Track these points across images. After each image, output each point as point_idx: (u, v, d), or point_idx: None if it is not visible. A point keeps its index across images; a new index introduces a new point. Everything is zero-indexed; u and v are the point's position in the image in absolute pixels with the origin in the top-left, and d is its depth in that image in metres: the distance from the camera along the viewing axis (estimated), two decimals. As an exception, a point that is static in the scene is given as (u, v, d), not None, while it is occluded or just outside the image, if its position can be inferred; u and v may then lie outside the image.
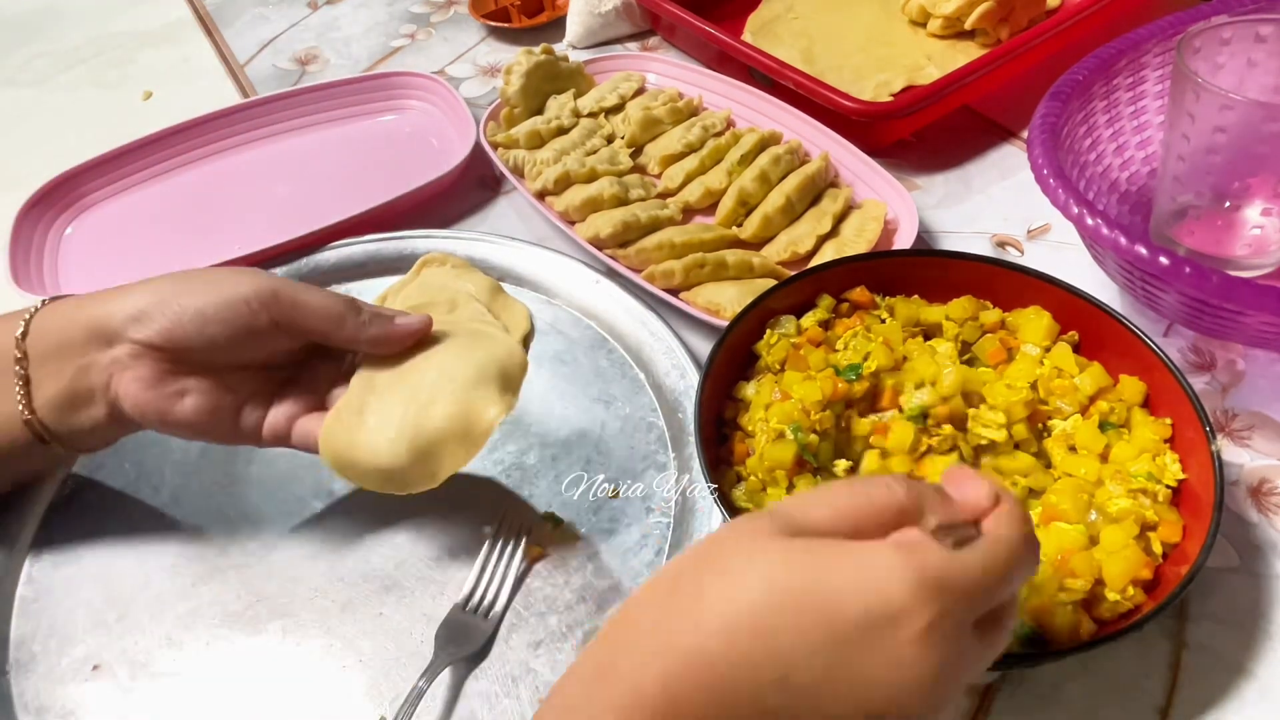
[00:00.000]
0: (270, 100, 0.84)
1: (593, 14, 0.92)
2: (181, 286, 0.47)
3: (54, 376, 0.47)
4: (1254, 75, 0.57)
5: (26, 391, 0.47)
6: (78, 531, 0.55)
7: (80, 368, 0.47)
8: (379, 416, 0.48)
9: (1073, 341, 0.54)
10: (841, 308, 0.56)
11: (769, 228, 0.69)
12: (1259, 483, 0.54)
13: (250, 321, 0.47)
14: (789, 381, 0.51)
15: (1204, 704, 0.45)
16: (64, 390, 0.48)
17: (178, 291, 0.47)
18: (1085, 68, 0.61)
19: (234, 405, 0.49)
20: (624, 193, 0.71)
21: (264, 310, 0.47)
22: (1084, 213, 0.51)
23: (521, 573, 0.51)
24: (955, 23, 0.84)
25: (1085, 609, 0.43)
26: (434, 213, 0.74)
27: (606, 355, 0.62)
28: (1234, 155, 0.55)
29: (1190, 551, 0.44)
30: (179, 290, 0.47)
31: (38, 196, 0.75)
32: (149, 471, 0.58)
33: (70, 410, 0.48)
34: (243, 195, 0.79)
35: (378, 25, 1.01)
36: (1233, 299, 0.48)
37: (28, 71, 1.01)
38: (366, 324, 0.49)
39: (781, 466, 0.48)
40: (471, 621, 0.49)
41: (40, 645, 0.50)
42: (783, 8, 0.92)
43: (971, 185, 0.74)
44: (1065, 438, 0.51)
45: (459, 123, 0.80)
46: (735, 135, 0.76)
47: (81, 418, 0.48)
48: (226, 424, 0.49)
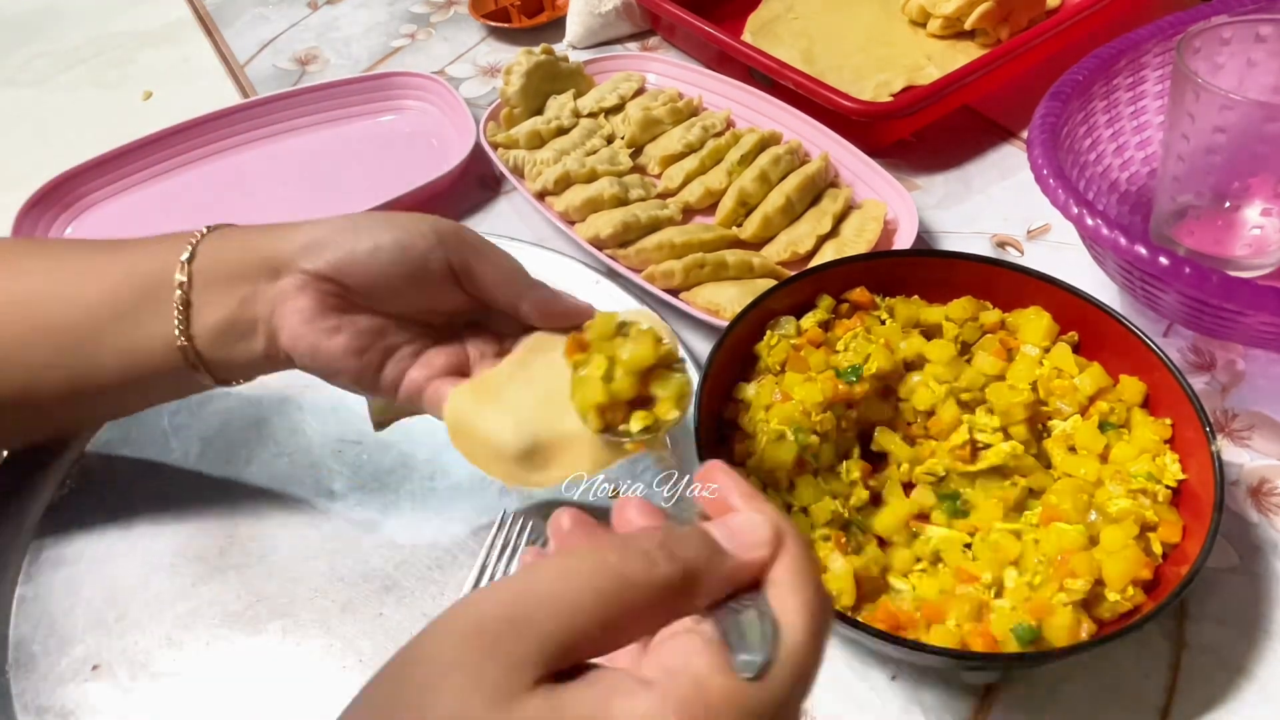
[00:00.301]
0: (270, 100, 0.84)
1: (593, 14, 0.92)
2: (361, 222, 0.46)
3: (217, 304, 0.46)
4: (1254, 75, 0.57)
5: (186, 316, 0.46)
6: (78, 531, 0.55)
7: (246, 297, 0.46)
8: (517, 398, 0.46)
9: (1073, 342, 0.54)
10: (841, 308, 0.56)
11: (769, 228, 0.69)
12: (1259, 483, 0.54)
13: (425, 259, 0.45)
14: (789, 383, 0.51)
15: (1204, 704, 0.45)
16: (226, 319, 0.46)
17: (355, 225, 0.46)
18: (1085, 68, 0.61)
19: (383, 352, 0.47)
20: (624, 193, 0.71)
21: (441, 247, 0.46)
22: (1084, 213, 0.51)
23: None
24: (955, 23, 0.84)
25: (1085, 609, 0.43)
26: (434, 213, 0.73)
27: (606, 355, 0.62)
28: (1234, 155, 0.55)
29: (1190, 551, 0.44)
30: (357, 225, 0.46)
31: (38, 196, 0.75)
32: (149, 471, 0.58)
33: (229, 340, 0.47)
34: (243, 195, 0.79)
35: (378, 25, 1.01)
36: (1233, 299, 0.48)
37: (28, 71, 1.01)
38: (536, 288, 0.47)
39: (782, 467, 0.48)
40: None
41: (40, 645, 0.50)
42: (783, 8, 0.92)
43: (971, 185, 0.74)
44: (1065, 438, 0.51)
45: (459, 123, 0.80)
46: (735, 135, 0.76)
47: (239, 348, 0.47)
48: (371, 370, 0.47)
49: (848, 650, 0.48)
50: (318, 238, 0.45)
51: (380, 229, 0.46)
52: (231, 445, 0.59)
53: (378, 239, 0.45)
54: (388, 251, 0.45)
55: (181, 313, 0.46)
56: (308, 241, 0.45)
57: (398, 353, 0.48)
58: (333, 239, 0.45)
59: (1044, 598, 0.44)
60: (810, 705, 0.46)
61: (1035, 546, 0.46)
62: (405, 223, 0.46)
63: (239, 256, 0.46)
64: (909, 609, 0.45)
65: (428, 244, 0.45)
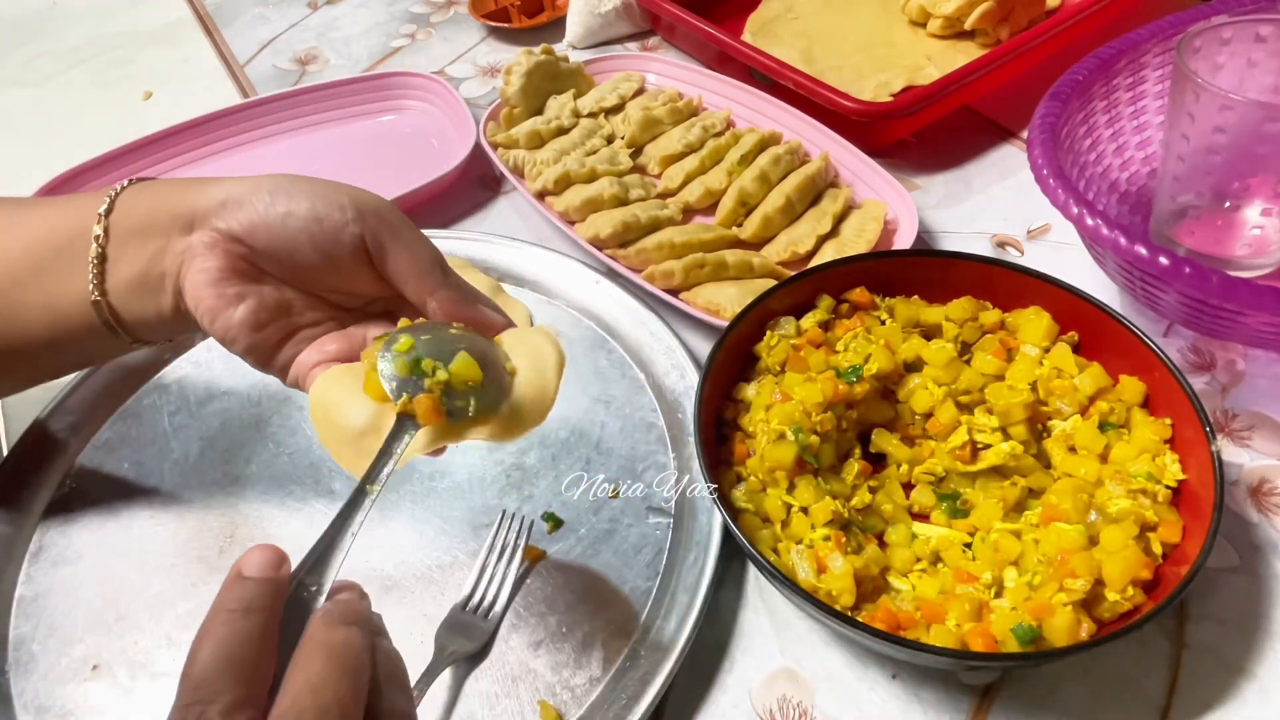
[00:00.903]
0: (270, 100, 0.84)
1: (593, 14, 0.92)
2: (281, 184, 0.44)
3: (131, 258, 0.45)
4: (1254, 75, 0.57)
5: (100, 271, 0.45)
6: (78, 531, 0.55)
7: (157, 250, 0.45)
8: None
9: (1072, 342, 0.54)
10: (841, 308, 0.56)
11: (769, 228, 0.69)
12: (1259, 483, 0.54)
13: (338, 232, 0.44)
14: (790, 383, 0.51)
15: (1204, 704, 0.45)
16: (138, 273, 0.45)
17: (275, 188, 0.44)
18: (1085, 68, 0.61)
19: (283, 330, 0.46)
20: (624, 193, 0.71)
21: (358, 222, 0.44)
22: (1084, 213, 0.51)
23: (521, 573, 0.51)
24: (955, 23, 0.84)
25: (1085, 609, 0.43)
26: (434, 213, 0.74)
27: (606, 355, 0.62)
28: (1234, 155, 0.55)
29: (1190, 551, 0.44)
30: (276, 187, 0.44)
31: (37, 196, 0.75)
32: (149, 471, 0.58)
33: (140, 294, 0.46)
34: (243, 195, 0.79)
35: (378, 25, 1.01)
36: (1233, 299, 0.48)
37: (28, 71, 1.01)
38: (449, 286, 0.45)
39: (782, 467, 0.48)
40: (471, 621, 0.49)
41: (40, 645, 0.50)
42: (783, 8, 0.92)
43: (971, 185, 0.74)
44: (1065, 438, 0.51)
45: (459, 123, 0.80)
46: (735, 135, 0.76)
47: (148, 304, 0.46)
48: (269, 346, 0.46)
49: (848, 650, 0.48)
50: (235, 195, 0.44)
51: (299, 195, 0.44)
52: (231, 445, 0.59)
53: (292, 205, 0.44)
54: (300, 220, 0.43)
55: (96, 268, 0.45)
56: (224, 198, 0.44)
57: (299, 334, 0.46)
58: (248, 199, 0.44)
59: (1044, 598, 0.44)
60: (810, 705, 0.46)
61: (1035, 546, 0.46)
62: (325, 191, 0.44)
63: (154, 208, 0.45)
64: (909, 609, 0.45)
65: (344, 217, 0.44)
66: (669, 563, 0.51)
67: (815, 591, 0.45)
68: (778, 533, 0.48)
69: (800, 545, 0.47)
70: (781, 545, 0.48)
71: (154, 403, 0.61)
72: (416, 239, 0.45)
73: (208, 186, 0.45)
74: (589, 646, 0.48)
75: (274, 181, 0.45)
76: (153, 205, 0.45)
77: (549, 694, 0.47)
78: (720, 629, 0.49)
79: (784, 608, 0.50)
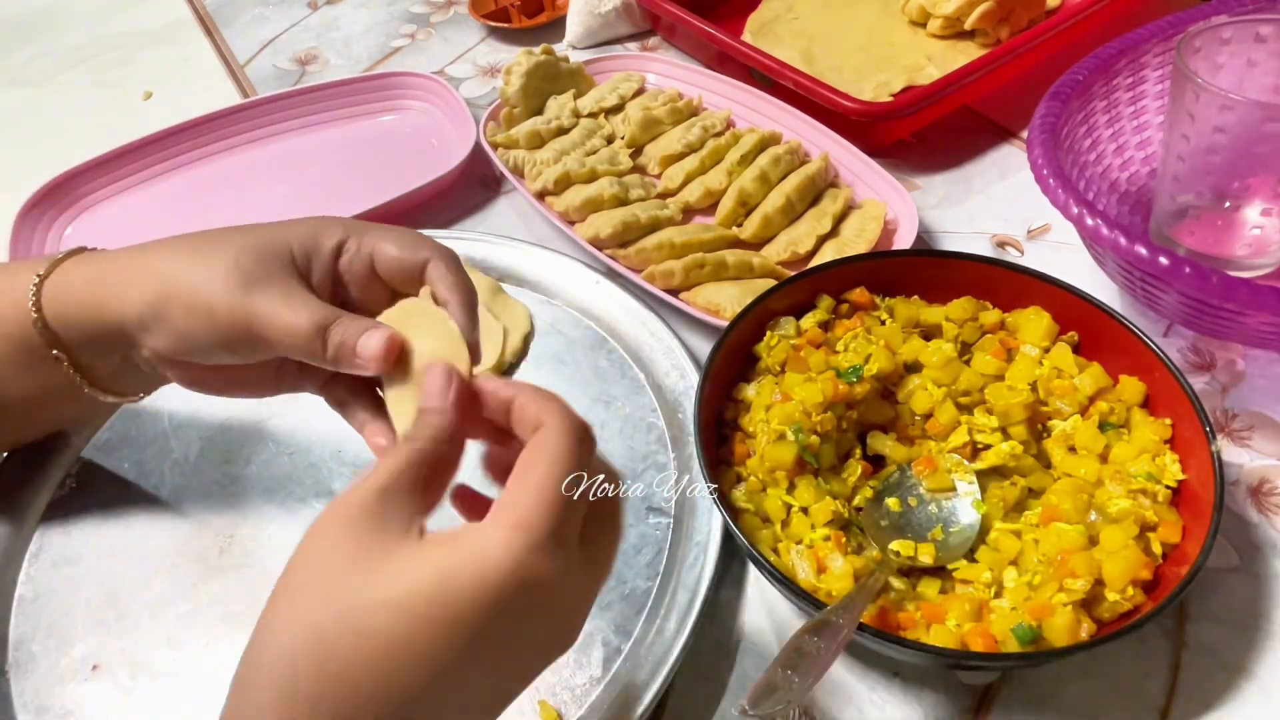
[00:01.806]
0: (270, 100, 0.84)
1: (593, 14, 0.92)
2: (187, 303, 0.42)
3: (101, 362, 0.47)
4: (1254, 75, 0.57)
5: (74, 364, 0.46)
6: (78, 532, 0.55)
7: (123, 358, 0.46)
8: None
9: (1072, 342, 0.54)
10: (841, 308, 0.56)
11: (769, 228, 0.69)
12: (1259, 483, 0.54)
13: (228, 344, 0.42)
14: (790, 383, 0.51)
15: (1204, 704, 0.45)
16: (116, 368, 0.47)
17: (187, 306, 0.42)
18: (1085, 68, 0.61)
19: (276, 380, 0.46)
20: (624, 193, 0.71)
21: (232, 331, 0.41)
22: (1084, 213, 0.51)
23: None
24: (955, 23, 0.84)
25: (1085, 609, 0.43)
26: (434, 213, 0.74)
27: (606, 355, 0.62)
28: (1234, 155, 0.55)
29: (1190, 552, 0.44)
30: (189, 304, 0.42)
31: (38, 196, 0.75)
32: (149, 471, 0.58)
33: (130, 376, 0.48)
34: (243, 195, 0.79)
35: (378, 25, 1.01)
36: (1233, 299, 0.48)
37: (28, 71, 1.01)
38: (336, 345, 0.41)
39: (782, 467, 0.48)
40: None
41: (40, 645, 0.50)
42: (783, 8, 0.92)
43: (971, 185, 0.74)
44: (1065, 438, 0.51)
45: (459, 123, 0.80)
46: (735, 135, 0.76)
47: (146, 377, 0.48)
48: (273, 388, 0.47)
49: (848, 650, 0.48)
50: (148, 315, 0.43)
51: (201, 322, 0.42)
52: (231, 445, 0.59)
53: (186, 326, 0.42)
54: (199, 344, 0.42)
55: (70, 367, 0.46)
56: (139, 317, 0.43)
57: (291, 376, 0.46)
58: (163, 317, 0.42)
59: (1044, 598, 0.44)
60: (810, 705, 0.46)
61: (1035, 546, 0.46)
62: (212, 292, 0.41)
63: (89, 324, 0.44)
64: (909, 609, 0.45)
65: (221, 335, 0.42)
66: (669, 563, 0.51)
67: (815, 591, 0.45)
68: (778, 533, 0.48)
69: (800, 545, 0.47)
70: (781, 545, 0.48)
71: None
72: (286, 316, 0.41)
73: (125, 291, 0.43)
74: (589, 646, 0.48)
75: (185, 294, 0.42)
76: (87, 319, 0.44)
77: (549, 694, 0.47)
78: (720, 629, 0.49)
79: (784, 608, 0.50)
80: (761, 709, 0.37)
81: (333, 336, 0.41)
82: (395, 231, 0.45)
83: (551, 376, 0.61)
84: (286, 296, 0.41)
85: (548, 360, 0.62)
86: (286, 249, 0.43)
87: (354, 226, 0.45)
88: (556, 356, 0.63)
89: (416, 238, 0.45)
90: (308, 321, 0.41)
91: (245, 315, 0.41)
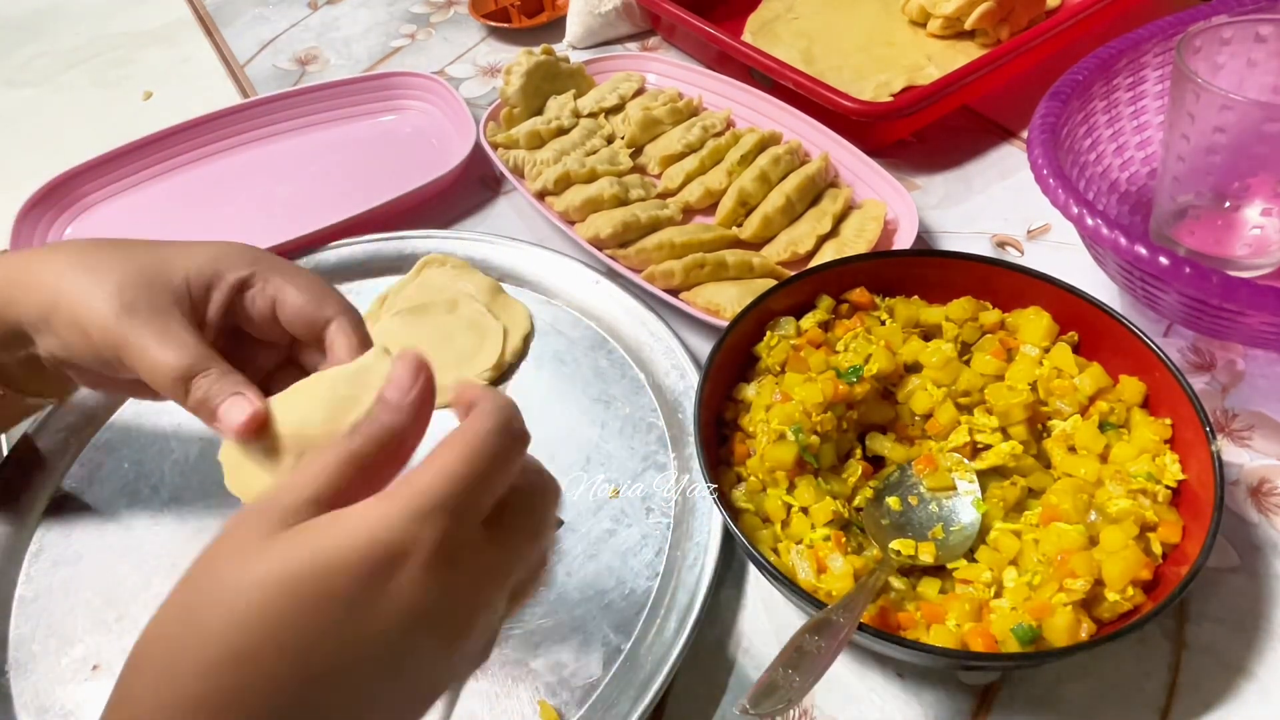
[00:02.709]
0: (270, 100, 0.84)
1: (593, 14, 0.92)
2: (62, 299, 0.41)
3: (6, 352, 0.45)
4: (1254, 75, 0.57)
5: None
6: (78, 532, 0.55)
7: (29, 355, 0.45)
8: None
9: (1072, 342, 0.54)
10: (841, 308, 0.56)
11: (769, 228, 0.69)
12: (1259, 483, 0.54)
13: (104, 363, 0.42)
14: (790, 383, 0.51)
15: (1204, 704, 0.45)
16: (28, 367, 0.45)
17: (76, 313, 0.41)
18: (1085, 68, 0.61)
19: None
20: (624, 193, 0.71)
21: (106, 352, 0.41)
22: (1084, 213, 0.51)
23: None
24: (955, 23, 0.84)
25: (1085, 609, 0.43)
26: (434, 213, 0.74)
27: (606, 355, 0.62)
28: (1234, 155, 0.55)
29: (1190, 552, 0.44)
30: (59, 306, 0.41)
31: (38, 196, 0.76)
32: (149, 471, 0.58)
33: (38, 379, 0.47)
34: (243, 195, 0.79)
35: (378, 25, 1.01)
36: (1233, 299, 0.48)
37: (28, 71, 1.01)
38: (198, 400, 0.41)
39: (782, 467, 0.48)
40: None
41: (40, 645, 0.50)
42: (783, 8, 0.92)
43: (971, 185, 0.74)
44: (1065, 438, 0.51)
45: (459, 123, 0.80)
46: (735, 135, 0.76)
47: (49, 383, 0.47)
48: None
49: (848, 650, 0.48)
50: (42, 316, 0.42)
51: (79, 338, 0.41)
52: (231, 445, 0.59)
53: (66, 339, 0.42)
54: (79, 355, 0.42)
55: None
56: (35, 318, 0.42)
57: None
58: (51, 325, 0.42)
59: (1044, 598, 0.44)
60: (810, 705, 0.46)
61: (1035, 546, 0.46)
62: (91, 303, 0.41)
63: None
64: (909, 609, 0.45)
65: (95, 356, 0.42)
66: (669, 563, 0.51)
67: (815, 591, 0.45)
68: (778, 533, 0.48)
69: (800, 545, 0.47)
70: (781, 545, 0.48)
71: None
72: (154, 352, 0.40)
73: (25, 294, 0.42)
74: (589, 646, 0.48)
75: (72, 301, 0.41)
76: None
77: (549, 694, 0.47)
78: (720, 629, 0.49)
79: (784, 608, 0.50)
80: (762, 708, 0.37)
81: (196, 389, 0.40)
82: (304, 277, 0.43)
83: (551, 376, 0.61)
84: (161, 332, 0.40)
85: (548, 360, 0.62)
86: (179, 278, 0.42)
87: (262, 261, 0.43)
88: (556, 356, 0.63)
89: (324, 290, 0.43)
90: (175, 364, 0.40)
91: (118, 342, 0.40)
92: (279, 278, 0.43)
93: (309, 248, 0.69)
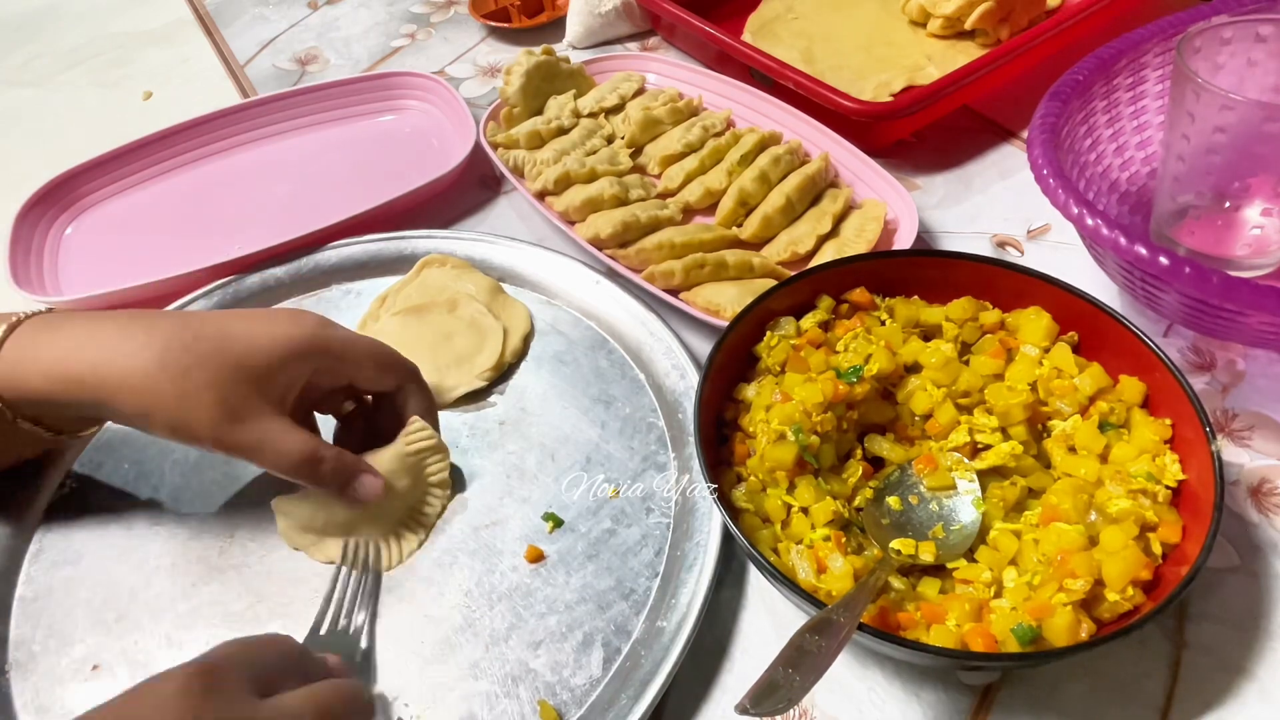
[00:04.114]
0: (270, 100, 0.84)
1: (593, 14, 0.92)
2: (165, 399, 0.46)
3: (53, 416, 0.51)
4: (1254, 75, 0.57)
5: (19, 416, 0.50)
6: (78, 531, 0.55)
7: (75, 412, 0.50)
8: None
9: (1072, 342, 0.54)
10: (841, 308, 0.56)
11: (769, 228, 0.69)
12: (1259, 483, 0.54)
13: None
14: (790, 383, 0.51)
15: (1204, 704, 0.45)
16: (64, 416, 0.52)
17: (150, 416, 0.47)
18: (1085, 68, 0.61)
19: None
20: (624, 193, 0.71)
21: (212, 449, 0.48)
22: (1084, 213, 0.51)
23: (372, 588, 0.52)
24: (955, 23, 0.84)
25: (1085, 609, 0.43)
26: (434, 213, 0.74)
27: (606, 355, 0.62)
28: (1234, 155, 0.55)
29: (1190, 552, 0.44)
30: (153, 415, 0.47)
31: (38, 196, 0.75)
32: (149, 471, 0.58)
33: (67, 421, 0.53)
34: (243, 195, 0.79)
35: (378, 25, 1.01)
36: (1233, 299, 0.48)
37: (28, 71, 1.01)
38: (326, 475, 0.49)
39: (782, 467, 0.48)
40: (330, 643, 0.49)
41: (40, 645, 0.50)
42: (783, 8, 0.92)
43: (971, 185, 0.74)
44: (1065, 438, 0.51)
45: (459, 123, 0.80)
46: (735, 135, 0.76)
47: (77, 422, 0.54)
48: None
49: (848, 650, 0.48)
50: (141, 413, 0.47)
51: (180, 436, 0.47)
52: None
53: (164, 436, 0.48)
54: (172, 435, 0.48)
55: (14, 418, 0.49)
56: (133, 415, 0.47)
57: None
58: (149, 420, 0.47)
59: (1044, 598, 0.44)
60: (810, 704, 0.46)
61: (1035, 546, 0.46)
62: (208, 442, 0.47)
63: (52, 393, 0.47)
64: (909, 609, 0.45)
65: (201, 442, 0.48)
66: (669, 563, 0.51)
67: (815, 591, 0.45)
68: (778, 533, 0.48)
69: (800, 545, 0.47)
70: (781, 545, 0.48)
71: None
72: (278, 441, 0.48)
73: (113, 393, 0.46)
74: (589, 646, 0.48)
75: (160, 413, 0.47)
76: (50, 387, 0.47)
77: (549, 694, 0.47)
78: (720, 629, 0.49)
79: (784, 608, 0.50)
80: (762, 708, 0.37)
81: (324, 471, 0.49)
82: (370, 356, 0.52)
83: (551, 376, 0.61)
84: (275, 430, 0.48)
85: (548, 360, 0.62)
86: (261, 370, 0.48)
87: (331, 346, 0.50)
88: (556, 356, 0.63)
89: (389, 362, 0.53)
90: (296, 456, 0.48)
91: (230, 448, 0.47)
92: (348, 365, 0.51)
93: (309, 248, 0.69)
